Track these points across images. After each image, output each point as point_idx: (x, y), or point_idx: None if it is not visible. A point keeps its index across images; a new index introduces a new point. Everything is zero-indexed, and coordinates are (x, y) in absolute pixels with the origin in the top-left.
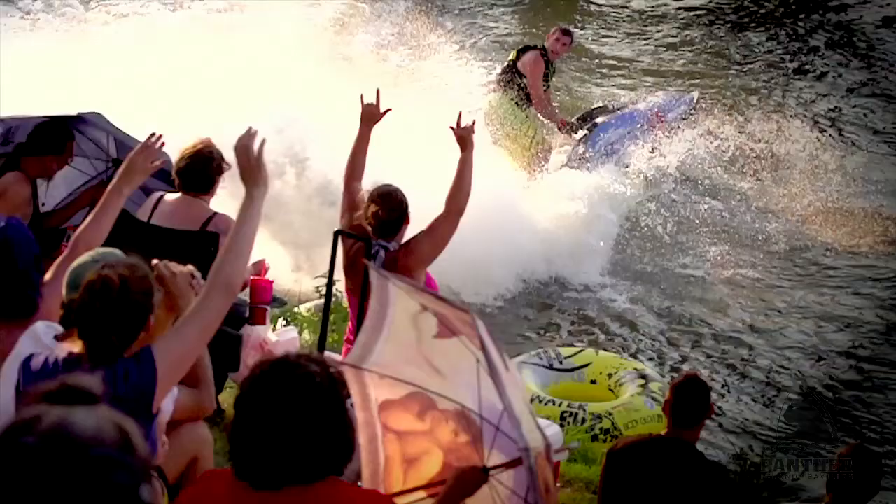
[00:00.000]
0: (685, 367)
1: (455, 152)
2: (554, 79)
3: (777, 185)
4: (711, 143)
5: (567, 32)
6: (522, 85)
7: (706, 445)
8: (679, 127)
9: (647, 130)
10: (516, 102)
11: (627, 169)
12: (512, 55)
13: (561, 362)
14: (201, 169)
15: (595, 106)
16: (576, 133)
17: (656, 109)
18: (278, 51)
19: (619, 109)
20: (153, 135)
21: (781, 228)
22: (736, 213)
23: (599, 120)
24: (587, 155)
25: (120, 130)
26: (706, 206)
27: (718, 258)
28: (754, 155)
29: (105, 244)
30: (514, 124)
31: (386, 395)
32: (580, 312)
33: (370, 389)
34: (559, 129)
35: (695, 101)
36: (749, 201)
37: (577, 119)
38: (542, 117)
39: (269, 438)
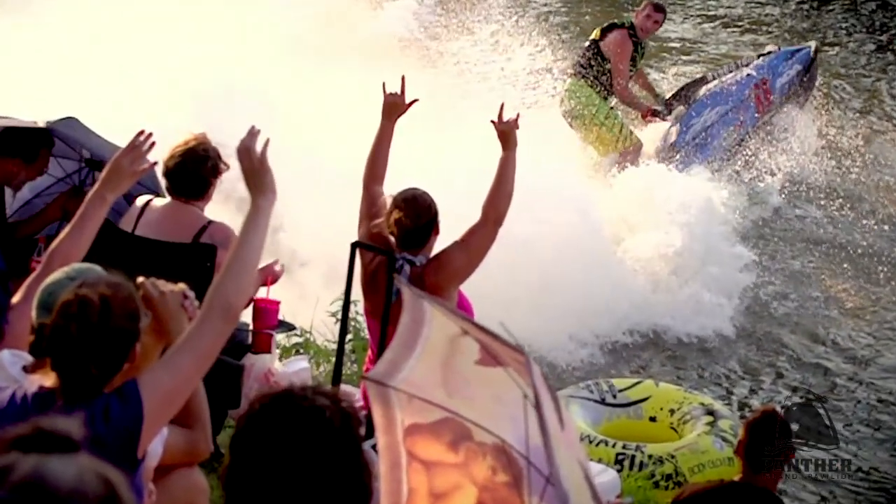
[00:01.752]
0: (761, 402)
1: (496, 150)
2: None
3: (874, 186)
4: (797, 134)
5: (659, 8)
6: (606, 69)
7: (790, 500)
8: (790, 98)
9: (748, 109)
10: (597, 90)
11: (721, 164)
12: (594, 33)
13: (615, 396)
14: (194, 170)
15: (691, 79)
16: (666, 118)
17: (761, 77)
18: (286, 32)
19: (719, 77)
20: (141, 133)
21: (882, 240)
22: (826, 220)
23: (699, 94)
24: (678, 145)
25: (98, 136)
26: (796, 212)
27: (803, 270)
28: (846, 151)
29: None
30: (596, 117)
31: (414, 419)
32: (635, 334)
33: (396, 410)
34: (643, 118)
35: (811, 54)
36: (841, 205)
37: (668, 100)
38: (625, 106)
39: (270, 485)
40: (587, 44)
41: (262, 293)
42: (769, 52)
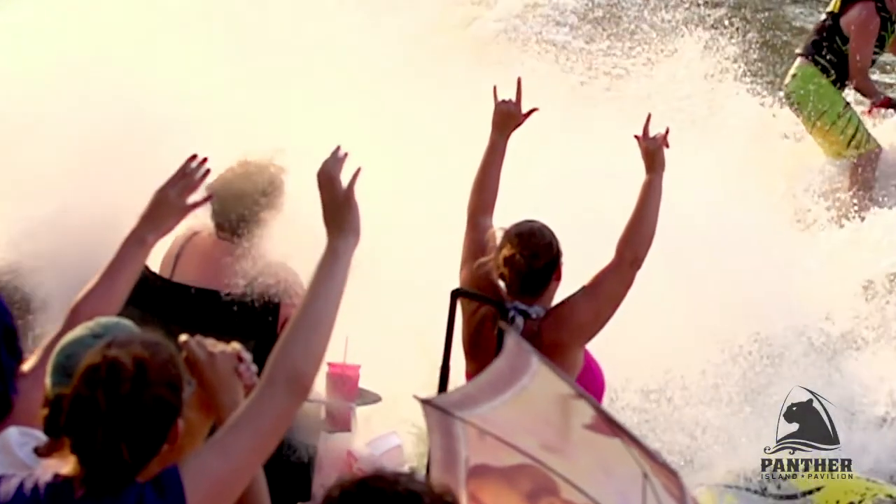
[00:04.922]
0: None
1: (638, 173)
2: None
3: None
4: None
5: None
6: (845, 51)
7: None
8: None
9: None
10: (831, 79)
11: None
12: (833, 5)
13: (779, 486)
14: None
15: None
16: None
17: None
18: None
19: None
20: (193, 157)
21: None
22: None
23: None
24: None
25: None
26: None
27: None
28: None
29: None
30: (827, 115)
31: (484, 459)
32: None
33: (460, 445)
34: (871, 108)
35: None
36: None
37: None
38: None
39: None
40: (823, 17)
41: (338, 356)
42: None
